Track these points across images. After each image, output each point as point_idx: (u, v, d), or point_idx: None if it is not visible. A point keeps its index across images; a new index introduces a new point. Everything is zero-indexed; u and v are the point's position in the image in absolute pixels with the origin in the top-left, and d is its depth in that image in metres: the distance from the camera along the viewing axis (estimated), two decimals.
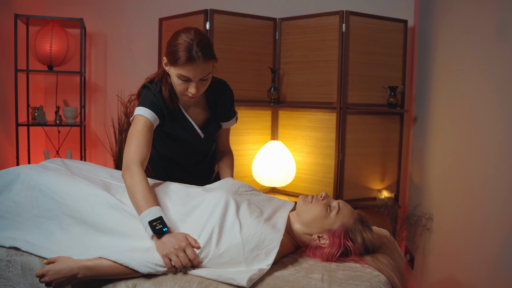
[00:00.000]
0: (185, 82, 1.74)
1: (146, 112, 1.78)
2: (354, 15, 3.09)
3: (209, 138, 2.07)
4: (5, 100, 3.19)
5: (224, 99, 2.04)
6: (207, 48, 1.70)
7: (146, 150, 1.72)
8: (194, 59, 1.67)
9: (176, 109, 1.91)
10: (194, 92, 1.74)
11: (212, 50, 1.73)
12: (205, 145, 2.11)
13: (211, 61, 1.73)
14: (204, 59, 1.68)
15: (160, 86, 1.86)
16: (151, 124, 1.78)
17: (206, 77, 1.74)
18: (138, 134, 1.73)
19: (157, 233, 1.49)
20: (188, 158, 2.14)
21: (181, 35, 1.73)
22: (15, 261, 1.60)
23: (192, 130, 1.97)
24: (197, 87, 1.74)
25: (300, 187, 3.37)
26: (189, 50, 1.67)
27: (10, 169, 1.82)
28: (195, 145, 2.05)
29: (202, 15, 3.16)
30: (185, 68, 1.69)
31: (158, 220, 1.51)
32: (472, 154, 2.27)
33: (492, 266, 1.98)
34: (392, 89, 3.15)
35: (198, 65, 1.68)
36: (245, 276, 1.37)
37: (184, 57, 1.67)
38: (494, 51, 2.05)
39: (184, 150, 2.08)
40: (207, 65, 1.71)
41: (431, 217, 2.83)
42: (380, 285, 1.44)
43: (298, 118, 3.35)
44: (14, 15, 3.08)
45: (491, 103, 2.07)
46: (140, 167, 1.67)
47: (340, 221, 1.63)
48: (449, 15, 2.68)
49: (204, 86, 1.78)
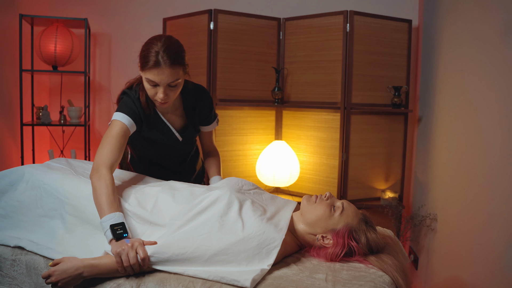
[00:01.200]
0: (153, 87, 1.77)
1: (124, 118, 1.82)
2: (358, 15, 3.08)
3: (188, 142, 2.11)
4: (10, 100, 3.20)
5: (203, 105, 2.08)
6: (174, 54, 1.74)
7: (117, 154, 1.75)
8: (160, 64, 1.71)
9: (154, 114, 1.95)
10: (162, 97, 1.77)
11: (180, 57, 1.76)
12: (185, 148, 2.14)
13: (178, 68, 1.76)
14: (170, 65, 1.72)
15: (139, 91, 1.90)
16: (127, 129, 1.82)
17: (175, 83, 1.77)
18: (113, 138, 1.76)
19: (116, 237, 1.50)
20: (168, 160, 2.17)
21: (152, 41, 1.78)
22: (20, 261, 1.61)
23: (170, 134, 2.01)
24: (166, 92, 1.77)
25: (304, 187, 3.37)
26: (156, 55, 1.72)
27: (14, 169, 1.83)
28: (174, 148, 2.08)
29: (206, 15, 3.16)
30: (151, 72, 1.73)
31: (120, 225, 1.53)
32: (476, 154, 2.26)
33: (496, 267, 1.97)
34: (396, 89, 3.14)
35: (164, 70, 1.72)
36: (249, 278, 1.37)
37: (151, 62, 1.72)
38: (499, 51, 2.05)
39: (165, 153, 2.11)
40: (174, 71, 1.74)
41: (435, 218, 2.83)
42: (384, 285, 1.43)
43: (302, 118, 3.35)
44: (19, 15, 3.09)
45: (495, 103, 2.07)
46: (109, 171, 1.68)
47: (344, 221, 1.63)
48: (454, 15, 2.67)
49: (174, 92, 1.81)
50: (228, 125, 3.27)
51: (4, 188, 1.78)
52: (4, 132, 3.10)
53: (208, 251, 1.45)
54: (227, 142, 3.27)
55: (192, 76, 3.26)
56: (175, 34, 3.41)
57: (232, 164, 3.31)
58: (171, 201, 1.68)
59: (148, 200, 1.71)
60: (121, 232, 1.52)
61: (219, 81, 3.19)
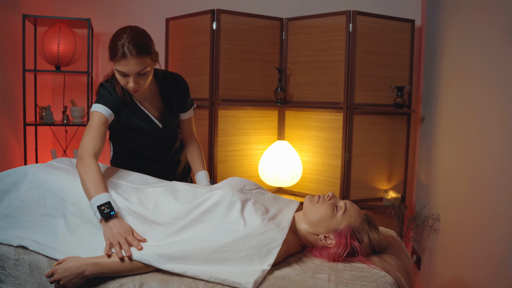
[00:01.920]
0: (124, 77, 1.85)
1: (101, 108, 1.90)
2: (361, 15, 3.08)
3: (169, 128, 2.17)
4: (13, 100, 3.21)
5: (178, 91, 2.15)
6: (139, 44, 1.80)
7: (99, 142, 1.85)
8: (126, 55, 1.78)
9: (131, 103, 2.03)
10: (132, 86, 1.85)
11: (145, 47, 1.82)
12: (167, 135, 2.19)
13: (145, 57, 1.82)
14: (136, 55, 1.78)
15: (114, 82, 1.98)
16: (106, 119, 1.90)
17: (143, 72, 1.83)
18: (93, 128, 1.85)
19: (104, 217, 1.59)
20: (153, 149, 2.21)
21: (118, 33, 1.83)
22: (23, 260, 1.61)
23: (149, 121, 2.08)
24: (136, 81, 1.84)
25: (307, 187, 3.37)
26: (122, 47, 1.78)
27: (17, 169, 1.83)
28: (156, 135, 2.13)
29: (209, 15, 3.16)
30: (119, 63, 1.80)
31: (106, 204, 1.61)
32: (479, 155, 2.25)
33: (499, 267, 1.97)
34: (399, 89, 3.14)
35: (131, 61, 1.78)
36: (250, 281, 1.37)
37: (118, 54, 1.79)
38: (502, 52, 2.04)
39: (148, 141, 2.16)
40: (141, 60, 1.80)
41: (438, 218, 2.82)
42: (387, 285, 1.43)
43: (304, 118, 3.35)
44: (22, 15, 3.10)
45: (498, 103, 2.06)
46: (92, 158, 1.77)
47: (347, 221, 1.63)
48: (457, 16, 2.67)
49: (144, 80, 1.87)
50: (231, 125, 3.27)
51: (8, 188, 1.79)
52: (7, 132, 3.11)
53: (208, 248, 1.46)
54: (230, 142, 3.28)
55: (195, 76, 3.29)
56: (178, 34, 3.42)
57: (234, 164, 3.31)
58: (173, 201, 1.68)
59: (150, 200, 1.71)
60: (108, 211, 1.60)
61: (221, 81, 3.20)
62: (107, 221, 1.59)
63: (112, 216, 1.60)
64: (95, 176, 1.69)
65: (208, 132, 3.20)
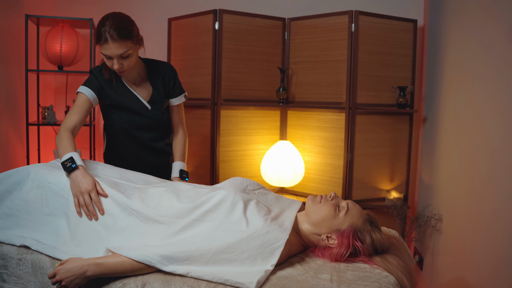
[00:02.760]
0: (108, 59, 2.04)
1: (83, 89, 2.13)
2: (363, 15, 3.08)
3: (157, 110, 2.29)
4: (15, 100, 3.21)
5: (164, 75, 2.31)
6: (120, 29, 1.97)
7: (77, 117, 2.06)
8: (107, 40, 1.96)
9: (120, 84, 2.21)
10: (117, 68, 2.04)
11: (126, 31, 1.99)
12: (157, 118, 2.30)
13: (126, 41, 1.98)
14: (117, 38, 1.96)
15: (102, 66, 2.18)
16: (86, 98, 2.11)
17: (125, 55, 2.01)
18: (74, 107, 2.09)
19: (68, 171, 1.76)
20: (144, 132, 2.31)
21: (102, 20, 2.02)
22: (26, 260, 1.61)
23: (137, 101, 2.24)
24: (120, 62, 2.03)
25: (309, 187, 3.37)
26: (104, 32, 1.96)
27: (20, 168, 1.84)
28: (145, 116, 2.27)
29: (211, 15, 3.16)
30: (103, 47, 1.99)
31: (68, 160, 1.79)
32: (481, 155, 2.25)
33: (501, 267, 1.96)
34: (402, 89, 3.13)
35: (111, 44, 1.96)
36: (253, 281, 1.37)
37: (101, 38, 1.98)
38: (504, 52, 2.04)
39: (137, 121, 2.27)
40: (122, 44, 1.97)
41: (440, 218, 2.82)
42: (389, 286, 1.43)
43: (307, 118, 3.35)
44: (25, 15, 3.10)
45: (500, 103, 2.06)
46: (66, 129, 1.98)
47: (349, 221, 1.63)
48: (459, 16, 2.67)
49: (128, 61, 2.05)
50: (233, 125, 3.27)
51: (10, 188, 1.79)
52: (10, 132, 3.11)
53: (211, 249, 1.46)
54: (232, 142, 3.28)
55: (197, 76, 3.29)
56: (180, 34, 3.43)
57: (236, 164, 3.31)
58: (175, 200, 1.69)
59: (152, 199, 1.72)
60: (70, 165, 1.77)
61: (224, 81, 3.20)
62: (70, 174, 1.75)
63: (74, 168, 1.76)
64: (65, 143, 1.89)
65: (210, 132, 3.20)
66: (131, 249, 1.48)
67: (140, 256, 1.44)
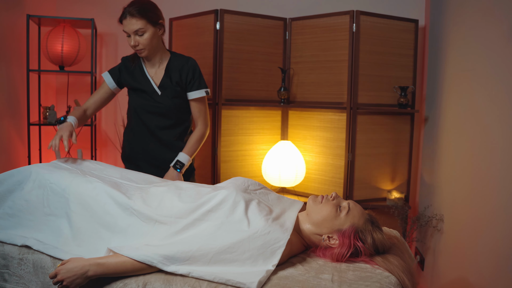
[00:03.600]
0: (128, 37, 2.27)
1: (104, 74, 2.44)
2: (365, 15, 3.08)
3: (167, 97, 2.39)
4: (17, 100, 3.22)
5: (183, 66, 2.41)
6: (138, 7, 2.21)
7: (92, 98, 2.41)
8: (125, 16, 2.22)
9: (139, 67, 2.41)
10: (133, 44, 2.26)
11: (143, 10, 2.22)
12: (166, 106, 2.40)
13: (141, 18, 2.22)
14: (133, 16, 2.20)
15: (132, 55, 2.45)
16: (105, 83, 2.42)
17: (141, 32, 2.24)
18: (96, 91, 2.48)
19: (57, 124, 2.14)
20: (153, 116, 2.42)
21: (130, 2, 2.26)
22: (27, 259, 1.62)
23: (148, 84, 2.39)
24: (136, 40, 2.25)
25: (310, 187, 3.37)
26: (125, 9, 2.24)
27: (21, 168, 1.84)
28: (154, 100, 2.39)
29: (213, 15, 3.16)
30: (123, 24, 2.25)
31: (61, 117, 2.14)
32: (483, 155, 2.25)
33: (502, 267, 1.96)
34: (403, 89, 3.13)
35: (129, 21, 2.21)
36: (254, 281, 1.37)
37: (122, 15, 2.24)
38: (505, 52, 2.04)
39: (146, 105, 2.41)
40: (137, 21, 2.21)
41: (441, 218, 2.82)
42: (390, 286, 1.43)
43: (308, 118, 3.35)
44: (26, 15, 3.11)
45: (501, 103, 2.06)
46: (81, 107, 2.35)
47: (350, 222, 1.63)
48: (460, 16, 2.66)
49: (144, 42, 2.26)
50: (234, 125, 3.27)
51: (12, 188, 1.79)
52: (11, 132, 3.12)
53: (212, 249, 1.46)
54: (233, 142, 3.28)
55: None
56: (181, 34, 3.43)
57: (238, 164, 3.32)
58: (176, 200, 1.69)
59: (154, 199, 1.72)
60: (59, 119, 2.13)
61: (225, 81, 3.20)
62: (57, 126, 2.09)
63: (62, 121, 2.09)
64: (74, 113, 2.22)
65: (212, 132, 3.20)
66: (132, 249, 1.48)
67: (141, 256, 1.44)
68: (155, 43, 2.32)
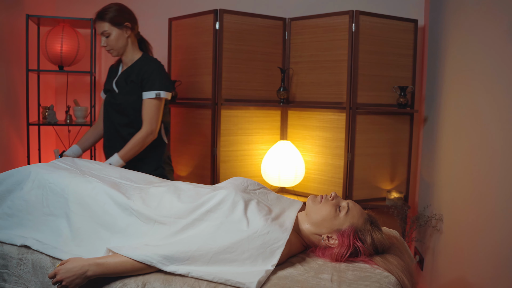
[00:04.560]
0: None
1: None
2: (364, 14, 3.08)
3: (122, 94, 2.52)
4: (16, 100, 3.22)
5: (143, 66, 2.51)
6: (103, 11, 2.42)
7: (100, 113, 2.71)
8: (95, 19, 2.45)
9: (116, 68, 2.64)
10: (102, 45, 2.48)
11: (107, 14, 2.41)
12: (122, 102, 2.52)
13: (106, 22, 2.42)
14: (99, 19, 2.43)
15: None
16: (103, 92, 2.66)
17: (105, 34, 2.44)
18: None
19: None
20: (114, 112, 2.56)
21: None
22: (26, 259, 1.62)
23: (111, 82, 2.58)
24: (105, 41, 2.46)
25: (310, 187, 3.37)
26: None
27: (21, 168, 1.84)
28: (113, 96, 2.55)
29: (212, 15, 3.16)
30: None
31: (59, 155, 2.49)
32: (482, 155, 2.25)
33: (502, 267, 1.96)
34: (402, 89, 3.13)
35: (97, 24, 2.45)
36: (254, 281, 1.37)
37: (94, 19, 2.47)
38: (505, 52, 2.04)
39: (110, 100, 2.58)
40: (102, 24, 2.43)
41: (441, 218, 2.82)
42: (390, 286, 1.43)
43: (307, 118, 3.35)
44: (26, 15, 3.10)
45: (501, 103, 2.06)
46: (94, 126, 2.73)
47: (350, 221, 1.63)
48: (460, 15, 2.66)
49: (110, 43, 2.46)
50: (233, 125, 3.27)
51: (11, 187, 1.79)
52: (11, 131, 3.11)
53: (212, 249, 1.46)
54: (232, 142, 3.28)
55: (198, 76, 3.29)
56: (181, 34, 3.43)
57: (237, 164, 3.32)
58: (176, 200, 1.69)
59: (153, 199, 1.72)
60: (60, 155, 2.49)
61: (224, 81, 3.20)
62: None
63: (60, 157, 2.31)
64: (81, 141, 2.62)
65: (211, 132, 3.20)
66: (131, 249, 1.48)
67: (140, 256, 1.44)
68: (122, 44, 2.49)
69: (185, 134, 3.44)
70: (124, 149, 2.42)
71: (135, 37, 2.56)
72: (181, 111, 3.47)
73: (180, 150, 3.49)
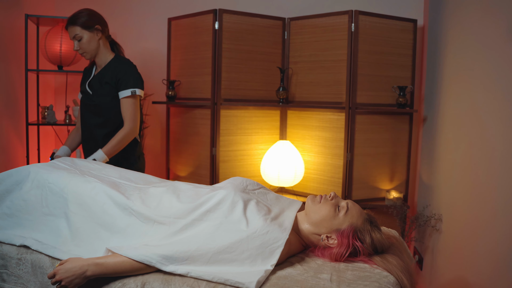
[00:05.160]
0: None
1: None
2: (363, 14, 3.08)
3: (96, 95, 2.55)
4: (15, 100, 3.21)
5: (117, 67, 2.54)
6: (73, 16, 2.47)
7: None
8: (67, 25, 2.48)
9: (90, 70, 2.65)
10: (74, 49, 2.51)
11: (77, 18, 2.45)
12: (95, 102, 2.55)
13: (76, 26, 2.46)
14: (70, 24, 2.47)
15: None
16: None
17: (77, 38, 2.47)
18: None
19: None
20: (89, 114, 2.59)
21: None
22: (26, 259, 1.61)
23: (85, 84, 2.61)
24: (77, 45, 2.49)
25: (309, 187, 3.37)
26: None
27: (20, 168, 1.84)
28: (89, 98, 2.58)
29: (211, 15, 3.16)
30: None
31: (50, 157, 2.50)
32: (481, 155, 2.25)
33: (501, 267, 1.96)
34: (401, 89, 3.13)
35: (69, 29, 2.48)
36: (253, 280, 1.37)
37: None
38: (504, 52, 2.04)
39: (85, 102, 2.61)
40: (73, 28, 2.46)
41: (440, 218, 2.82)
42: (389, 285, 1.43)
43: (306, 118, 3.35)
44: (25, 15, 3.10)
45: (500, 103, 2.06)
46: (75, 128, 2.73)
47: (349, 221, 1.62)
48: (459, 15, 2.67)
49: (82, 46, 2.50)
50: (233, 125, 3.27)
51: (10, 187, 1.79)
52: (10, 131, 3.11)
53: (211, 249, 1.46)
54: (232, 142, 3.28)
55: (197, 76, 3.29)
56: (180, 34, 3.43)
57: (236, 164, 3.32)
58: (175, 200, 1.69)
59: (153, 199, 1.72)
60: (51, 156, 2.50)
61: (223, 81, 3.20)
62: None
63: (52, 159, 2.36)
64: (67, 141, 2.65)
65: (210, 132, 3.20)
66: (131, 249, 1.48)
67: (140, 256, 1.44)
68: (94, 46, 2.53)
69: (184, 134, 3.44)
70: (108, 145, 2.45)
71: (106, 39, 2.59)
72: (180, 111, 3.47)
73: (180, 150, 3.49)
